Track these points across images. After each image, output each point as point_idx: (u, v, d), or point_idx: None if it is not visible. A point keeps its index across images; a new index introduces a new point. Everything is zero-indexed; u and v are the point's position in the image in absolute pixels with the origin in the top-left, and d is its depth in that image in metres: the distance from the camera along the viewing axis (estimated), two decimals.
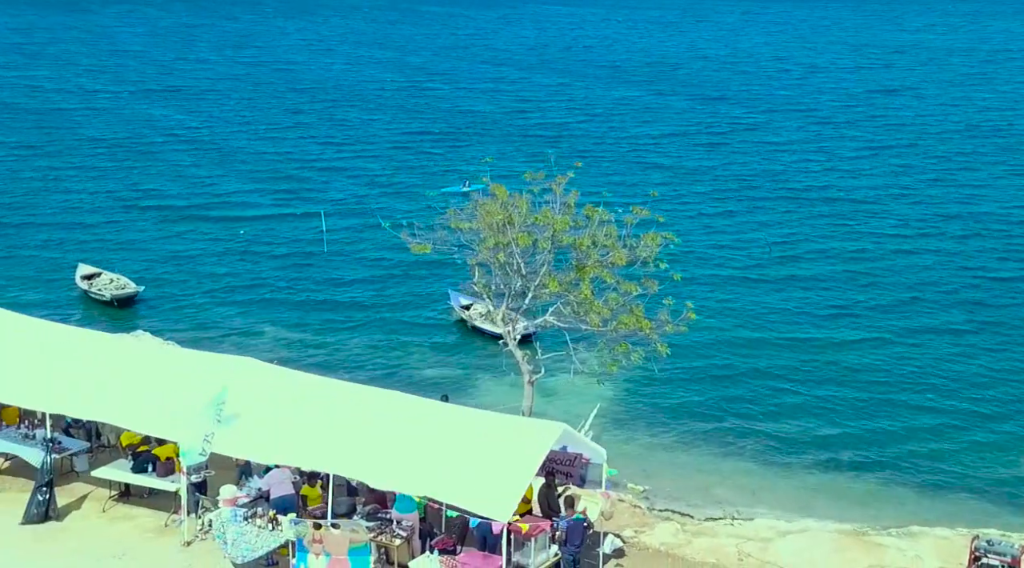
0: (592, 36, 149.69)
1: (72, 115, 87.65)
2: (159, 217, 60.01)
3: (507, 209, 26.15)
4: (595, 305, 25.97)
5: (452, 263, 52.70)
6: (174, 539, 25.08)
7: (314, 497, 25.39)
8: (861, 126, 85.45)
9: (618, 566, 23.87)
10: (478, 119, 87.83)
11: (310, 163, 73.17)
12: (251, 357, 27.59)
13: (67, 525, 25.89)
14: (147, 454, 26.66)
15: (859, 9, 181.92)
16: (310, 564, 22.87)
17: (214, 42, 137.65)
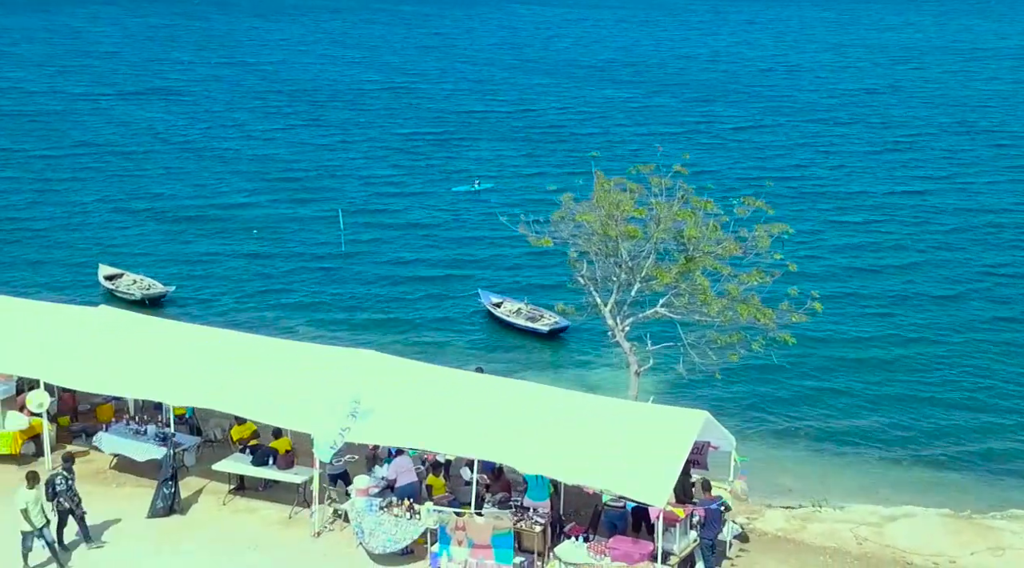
0: (568, 35, 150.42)
1: (59, 118, 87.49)
2: (167, 219, 60.35)
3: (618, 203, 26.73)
4: (709, 295, 26.64)
5: (476, 261, 54.19)
6: (302, 530, 25.56)
7: (439, 486, 26.04)
8: (869, 123, 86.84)
9: (743, 551, 24.63)
10: (473, 119, 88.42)
11: (310, 163, 73.56)
12: (372, 350, 28.17)
13: (191, 518, 26.31)
14: (266, 448, 27.17)
15: (829, 8, 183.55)
16: (452, 552, 23.45)
17: (195, 43, 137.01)
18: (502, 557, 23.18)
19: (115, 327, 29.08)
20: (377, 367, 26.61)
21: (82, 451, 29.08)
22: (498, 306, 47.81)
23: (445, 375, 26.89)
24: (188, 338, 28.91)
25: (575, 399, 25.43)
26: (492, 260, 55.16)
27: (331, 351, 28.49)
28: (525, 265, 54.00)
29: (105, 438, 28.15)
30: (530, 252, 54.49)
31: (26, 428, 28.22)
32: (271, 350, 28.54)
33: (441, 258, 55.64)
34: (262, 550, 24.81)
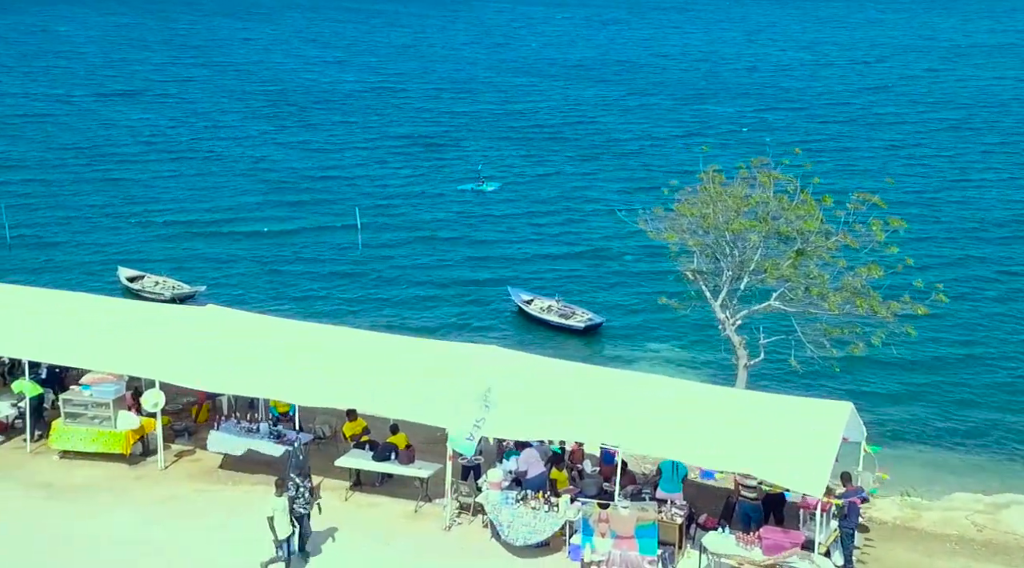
0: (549, 34, 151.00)
1: (44, 123, 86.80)
2: (176, 221, 60.53)
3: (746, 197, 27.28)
4: (826, 289, 27.20)
5: (502, 257, 54.60)
6: (431, 523, 25.85)
7: (562, 480, 26.46)
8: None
9: (868, 540, 25.26)
10: (466, 120, 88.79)
11: (313, 164, 73.85)
12: (495, 345, 28.55)
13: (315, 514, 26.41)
14: (387, 444, 27.47)
15: (801, 7, 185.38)
16: (596, 543, 23.90)
17: (180, 44, 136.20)
18: (646, 548, 23.61)
19: (224, 325, 29.13)
20: (499, 361, 26.88)
21: (188, 450, 29.14)
22: (529, 303, 48.14)
23: (568, 368, 27.26)
24: (297, 334, 29.07)
25: (710, 392, 25.97)
26: (516, 257, 55.78)
27: (448, 346, 28.75)
28: (547, 261, 54.79)
29: (218, 437, 28.18)
30: (551, 249, 55.56)
31: (136, 427, 28.26)
32: (382, 345, 28.82)
33: (462, 256, 56.05)
34: (396, 544, 25.03)
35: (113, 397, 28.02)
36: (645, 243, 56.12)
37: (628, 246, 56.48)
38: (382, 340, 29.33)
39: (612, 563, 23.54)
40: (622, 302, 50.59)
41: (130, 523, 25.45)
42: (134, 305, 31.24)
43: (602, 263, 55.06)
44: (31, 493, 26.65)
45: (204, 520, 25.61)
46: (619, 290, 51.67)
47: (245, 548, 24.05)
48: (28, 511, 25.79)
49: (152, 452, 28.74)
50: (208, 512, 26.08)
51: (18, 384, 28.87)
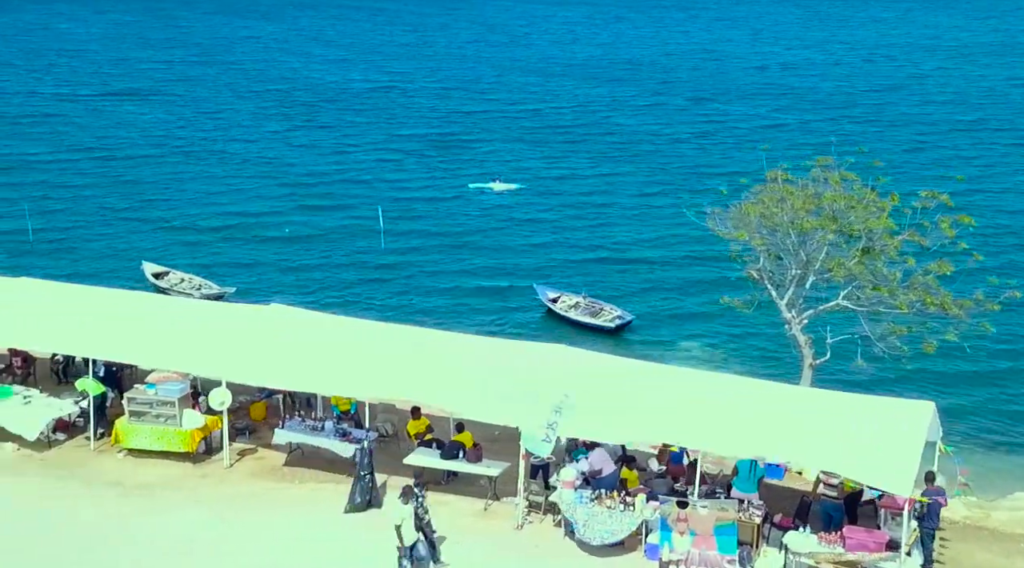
0: (548, 33, 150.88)
1: (55, 122, 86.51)
2: (194, 220, 60.49)
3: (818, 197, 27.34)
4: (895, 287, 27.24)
5: (525, 256, 54.60)
6: (500, 522, 25.86)
7: (632, 479, 26.47)
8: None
9: (943, 540, 25.29)
10: (478, 120, 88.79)
11: (328, 164, 73.80)
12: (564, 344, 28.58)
13: (387, 512, 26.40)
14: (454, 442, 27.49)
15: (802, 5, 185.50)
16: (674, 542, 23.92)
17: (189, 44, 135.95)
18: (725, 547, 23.64)
19: (289, 324, 29.12)
20: (569, 360, 26.93)
21: (250, 449, 29.12)
22: (555, 301, 48.04)
23: (637, 367, 27.30)
24: (363, 333, 29.08)
25: (786, 390, 26.00)
26: (540, 256, 55.90)
27: (516, 345, 28.77)
28: (570, 260, 55.02)
29: (284, 435, 28.16)
30: (574, 248, 55.64)
31: (202, 426, 28.23)
32: (450, 343, 28.84)
33: (485, 256, 56.13)
34: (468, 542, 25.01)
35: (179, 396, 27.98)
36: (668, 242, 56.83)
37: (651, 245, 56.75)
38: (450, 338, 29.36)
39: (691, 562, 23.55)
40: (648, 300, 50.63)
41: (202, 521, 25.46)
42: (196, 304, 31.32)
43: (626, 262, 55.14)
44: (101, 491, 26.65)
45: (274, 518, 25.60)
46: (644, 288, 51.74)
47: (316, 546, 24.33)
48: (100, 509, 25.77)
49: (214, 451, 28.63)
50: (277, 510, 26.07)
51: (81, 382, 28.83)
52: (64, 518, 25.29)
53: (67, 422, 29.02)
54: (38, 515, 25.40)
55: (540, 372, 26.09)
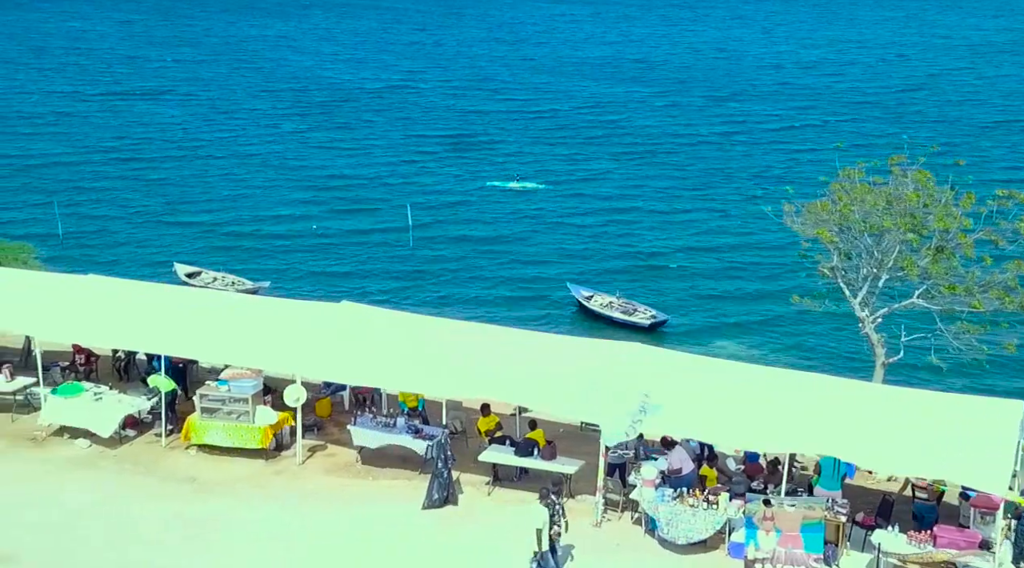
0: (556, 32, 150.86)
1: (73, 121, 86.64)
2: (218, 222, 60.68)
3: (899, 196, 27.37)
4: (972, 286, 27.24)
5: (554, 256, 54.63)
6: (579, 519, 25.43)
7: (711, 477, 26.50)
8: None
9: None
10: (494, 119, 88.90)
11: (351, 166, 73.78)
12: (638, 343, 28.59)
13: (464, 509, 26.48)
14: (528, 439, 27.49)
15: (810, 4, 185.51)
16: (760, 540, 23.91)
17: (189, 41, 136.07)
18: (812, 546, 23.64)
19: (359, 321, 29.14)
20: (646, 358, 26.95)
21: (319, 445, 29.13)
22: (589, 299, 48.12)
23: (719, 366, 27.32)
24: (434, 330, 29.10)
25: (874, 390, 26.01)
26: (569, 256, 56.09)
27: (592, 343, 28.78)
28: (600, 259, 55.10)
29: (358, 432, 28.16)
30: (602, 248, 55.68)
31: (274, 423, 28.23)
32: (522, 341, 28.82)
33: (513, 255, 56.31)
34: None
35: (252, 392, 27.95)
36: (698, 243, 56.89)
37: (681, 246, 56.82)
38: (522, 336, 29.38)
39: (777, 561, 23.52)
40: (680, 300, 50.64)
41: (280, 517, 25.43)
42: (267, 301, 31.30)
43: (656, 263, 55.24)
44: (177, 487, 26.63)
45: (352, 514, 25.60)
46: (676, 289, 51.76)
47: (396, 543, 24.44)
48: (177, 504, 25.79)
49: (283, 447, 28.60)
50: (354, 506, 26.04)
51: (154, 379, 28.88)
52: (142, 513, 25.32)
53: (136, 419, 28.90)
54: (116, 510, 25.42)
55: (618, 369, 26.07)
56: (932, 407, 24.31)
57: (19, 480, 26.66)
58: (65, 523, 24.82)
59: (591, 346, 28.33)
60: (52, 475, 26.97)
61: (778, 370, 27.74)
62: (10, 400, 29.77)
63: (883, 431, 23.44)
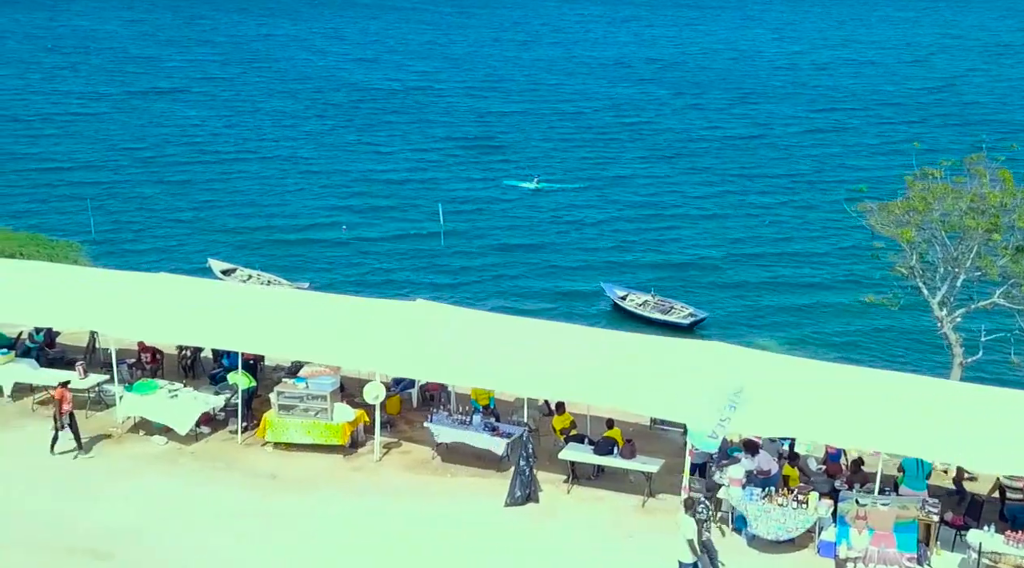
0: (567, 32, 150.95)
1: (91, 122, 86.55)
2: (249, 225, 60.54)
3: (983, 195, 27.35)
4: None
5: (586, 256, 54.54)
6: (664, 518, 25.65)
7: (795, 477, 26.47)
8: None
9: None
10: (516, 120, 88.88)
11: (378, 167, 73.77)
12: (720, 342, 28.56)
13: (545, 506, 26.44)
14: (607, 438, 27.47)
15: (818, 4, 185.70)
16: (852, 539, 23.88)
17: (203, 41, 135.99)
18: (905, 545, 23.60)
19: (435, 318, 29.12)
20: (727, 357, 26.89)
21: (393, 442, 29.10)
22: (624, 298, 47.99)
23: (806, 366, 27.24)
24: (511, 328, 29.08)
25: (952, 388, 25.98)
26: (600, 255, 56.09)
27: (670, 342, 28.71)
28: (632, 259, 55.12)
29: (435, 429, 28.15)
30: (634, 247, 55.66)
31: (352, 420, 28.20)
32: (599, 339, 28.82)
33: (544, 256, 56.26)
34: (638, 537, 25.00)
35: (330, 390, 27.90)
36: (730, 242, 56.88)
37: (711, 244, 56.78)
38: (597, 335, 29.47)
39: (870, 560, 23.50)
40: (716, 298, 50.65)
41: (364, 513, 25.43)
42: (341, 300, 31.18)
43: (687, 262, 55.35)
44: (259, 483, 26.62)
45: (436, 510, 25.62)
46: (710, 287, 51.76)
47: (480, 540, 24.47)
48: (260, 500, 25.82)
49: (358, 445, 28.60)
50: (436, 502, 26.04)
51: (233, 376, 28.87)
52: (226, 508, 25.42)
53: (210, 415, 28.84)
54: (200, 505, 25.48)
55: (700, 369, 26.00)
56: (1019, 406, 24.22)
57: (104, 476, 26.66)
58: (153, 519, 24.80)
59: (672, 345, 28.23)
60: (134, 471, 26.98)
61: (855, 368, 27.67)
62: (84, 397, 29.58)
63: (973, 430, 23.39)
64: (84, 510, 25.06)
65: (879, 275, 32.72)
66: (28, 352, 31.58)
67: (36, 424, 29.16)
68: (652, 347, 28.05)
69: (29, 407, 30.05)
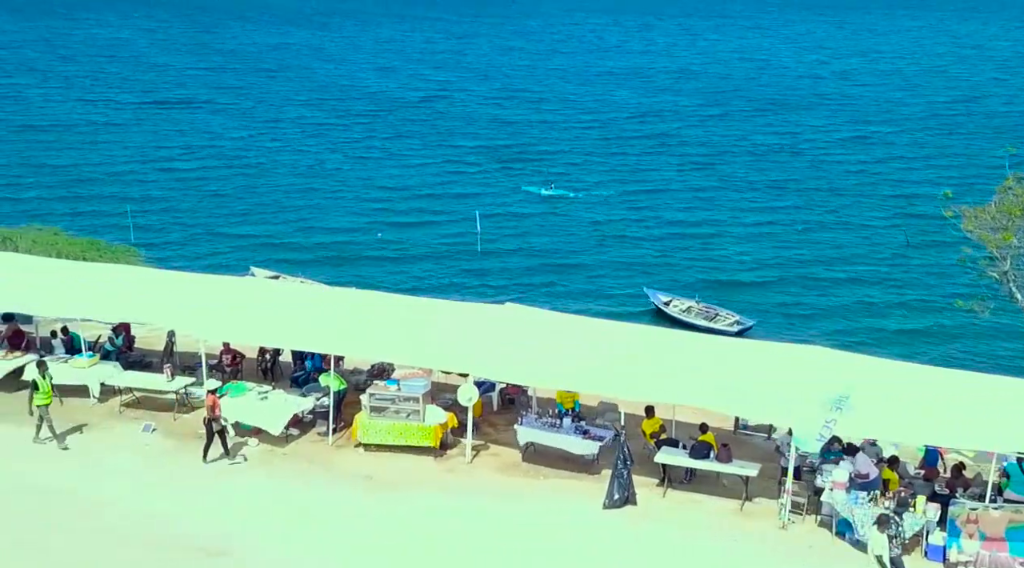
0: (583, 41, 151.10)
1: (113, 131, 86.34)
2: (280, 229, 60.39)
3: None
4: None
5: (624, 263, 54.44)
6: (762, 522, 25.67)
7: (894, 481, 26.35)
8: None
9: None
10: (541, 130, 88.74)
11: (409, 177, 73.48)
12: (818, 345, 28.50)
13: (642, 509, 26.34)
14: (702, 442, 27.38)
15: (830, 15, 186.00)
16: (963, 544, 23.80)
17: (225, 52, 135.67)
18: (1017, 550, 23.53)
19: (524, 321, 29.11)
20: (825, 361, 26.86)
21: (481, 444, 29.02)
22: (667, 304, 47.80)
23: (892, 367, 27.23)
24: (604, 332, 29.06)
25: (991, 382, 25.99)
26: (638, 262, 55.77)
27: (766, 346, 28.71)
28: (669, 266, 54.93)
29: (524, 432, 28.08)
30: (672, 255, 55.59)
31: (444, 422, 28.13)
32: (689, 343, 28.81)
33: (584, 264, 55.87)
34: (744, 541, 24.89)
35: (422, 392, 27.81)
36: (768, 251, 56.83)
37: (746, 252, 56.69)
38: (688, 338, 29.39)
39: (980, 564, 23.47)
40: (752, 305, 50.55)
41: (462, 514, 25.40)
42: (424, 302, 31.05)
43: (723, 268, 55.18)
44: (354, 484, 26.58)
45: (534, 511, 25.60)
46: (751, 295, 51.62)
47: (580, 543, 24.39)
48: (358, 500, 25.81)
49: (447, 447, 28.54)
50: (534, 504, 25.97)
51: (325, 377, 28.78)
52: (329, 508, 25.40)
53: (298, 417, 28.75)
54: (302, 504, 25.43)
55: (799, 372, 25.94)
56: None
57: (202, 476, 26.59)
58: (260, 518, 24.83)
59: (768, 348, 28.22)
60: (232, 471, 26.85)
61: (948, 370, 27.61)
62: (171, 399, 29.46)
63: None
64: (188, 509, 25.03)
65: (967, 278, 32.61)
66: (107, 355, 31.35)
67: (123, 425, 29.19)
68: (749, 351, 27.91)
69: (116, 409, 29.85)
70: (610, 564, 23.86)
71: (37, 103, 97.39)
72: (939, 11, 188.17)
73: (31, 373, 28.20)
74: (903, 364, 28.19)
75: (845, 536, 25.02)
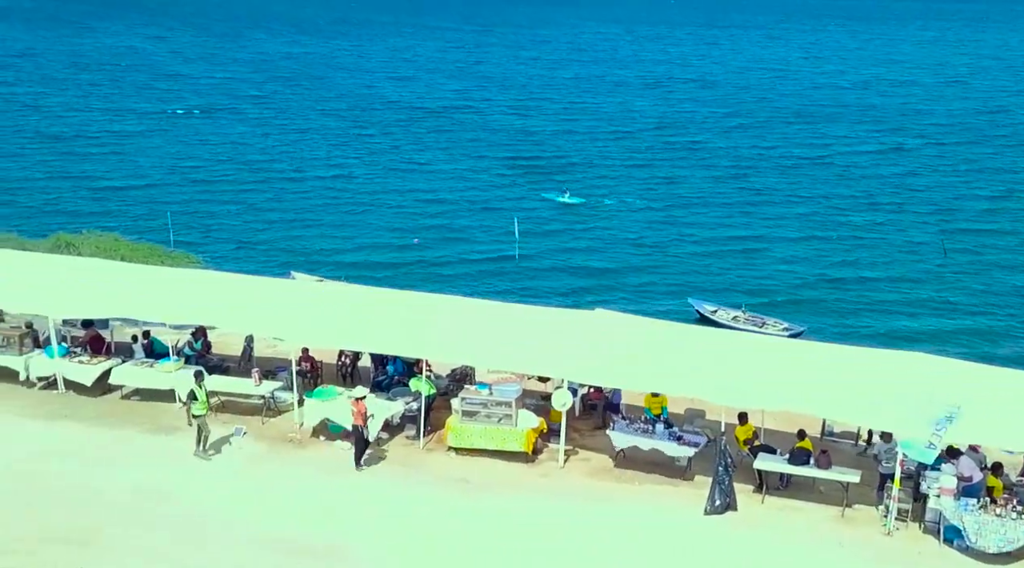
0: (593, 51, 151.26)
1: (137, 139, 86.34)
2: (312, 238, 60.46)
3: None
4: None
5: (663, 271, 54.30)
6: (867, 528, 25.41)
7: (999, 487, 26.10)
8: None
9: None
10: (570, 140, 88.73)
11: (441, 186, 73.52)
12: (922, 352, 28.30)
13: (743, 515, 26.10)
14: (801, 448, 27.14)
15: (843, 26, 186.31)
16: None
17: (245, 61, 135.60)
18: None
19: (615, 327, 28.98)
20: (931, 367, 26.69)
21: (569, 449, 28.78)
22: (714, 313, 47.63)
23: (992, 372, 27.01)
24: (689, 338, 28.82)
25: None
26: (677, 274, 55.78)
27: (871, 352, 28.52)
28: (709, 273, 54.96)
29: (618, 437, 27.87)
30: (711, 261, 55.49)
31: (536, 426, 27.91)
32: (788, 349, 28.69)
33: (623, 273, 55.88)
34: (850, 547, 24.67)
35: (515, 397, 27.58)
36: (803, 259, 56.79)
37: (784, 261, 56.67)
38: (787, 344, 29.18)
39: None
40: (795, 312, 50.38)
41: (563, 518, 25.14)
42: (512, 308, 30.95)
43: (763, 278, 55.19)
44: (450, 487, 26.34)
45: (636, 516, 25.36)
46: (788, 303, 51.45)
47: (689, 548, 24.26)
48: (455, 504, 25.58)
49: (536, 452, 28.35)
50: (635, 509, 25.72)
51: (415, 382, 28.59)
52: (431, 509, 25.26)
53: (388, 422, 28.51)
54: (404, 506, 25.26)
55: (909, 378, 25.75)
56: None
57: (303, 480, 26.34)
58: (363, 518, 24.72)
59: (874, 355, 28.04)
60: (329, 474, 26.58)
61: None
62: (259, 403, 29.21)
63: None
64: (289, 511, 24.85)
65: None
66: (188, 359, 31.07)
67: (213, 429, 28.71)
68: (855, 358, 27.75)
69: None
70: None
71: (57, 112, 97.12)
72: (951, 22, 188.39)
73: (187, 383, 27.77)
74: (1007, 371, 27.87)
75: (953, 543, 24.69)
